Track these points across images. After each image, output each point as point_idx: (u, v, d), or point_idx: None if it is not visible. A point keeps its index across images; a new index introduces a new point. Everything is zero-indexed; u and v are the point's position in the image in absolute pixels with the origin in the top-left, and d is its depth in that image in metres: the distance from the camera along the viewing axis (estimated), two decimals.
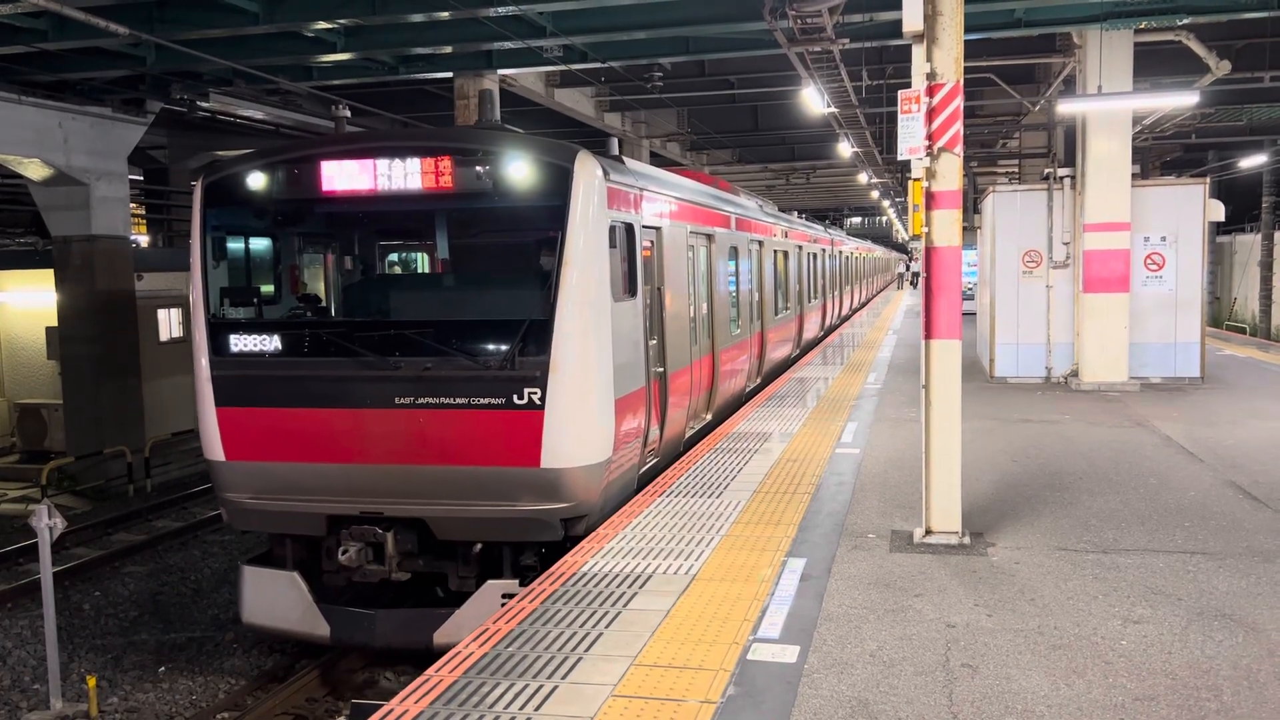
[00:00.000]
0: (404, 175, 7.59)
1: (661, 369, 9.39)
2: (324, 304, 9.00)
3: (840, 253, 29.94)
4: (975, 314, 18.99)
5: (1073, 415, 12.00)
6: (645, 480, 8.93)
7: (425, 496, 7.63)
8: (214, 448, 8.02)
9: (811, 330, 22.10)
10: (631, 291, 8.45)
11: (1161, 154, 29.24)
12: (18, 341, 20.02)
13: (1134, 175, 14.09)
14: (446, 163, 7.55)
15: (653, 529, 7.28)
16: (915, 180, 6.81)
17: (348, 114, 8.59)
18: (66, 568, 12.11)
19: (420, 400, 7.51)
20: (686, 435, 10.64)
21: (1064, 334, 14.77)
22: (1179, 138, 24.43)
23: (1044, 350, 14.94)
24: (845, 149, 23.60)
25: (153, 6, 12.67)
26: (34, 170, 16.05)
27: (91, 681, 8.49)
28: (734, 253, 13.35)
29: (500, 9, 12.10)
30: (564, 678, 4.80)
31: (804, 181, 38.03)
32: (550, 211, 7.53)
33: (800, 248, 20.39)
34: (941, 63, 6.64)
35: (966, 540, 6.88)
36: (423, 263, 9.63)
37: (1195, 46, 13.83)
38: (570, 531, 7.55)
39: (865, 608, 5.68)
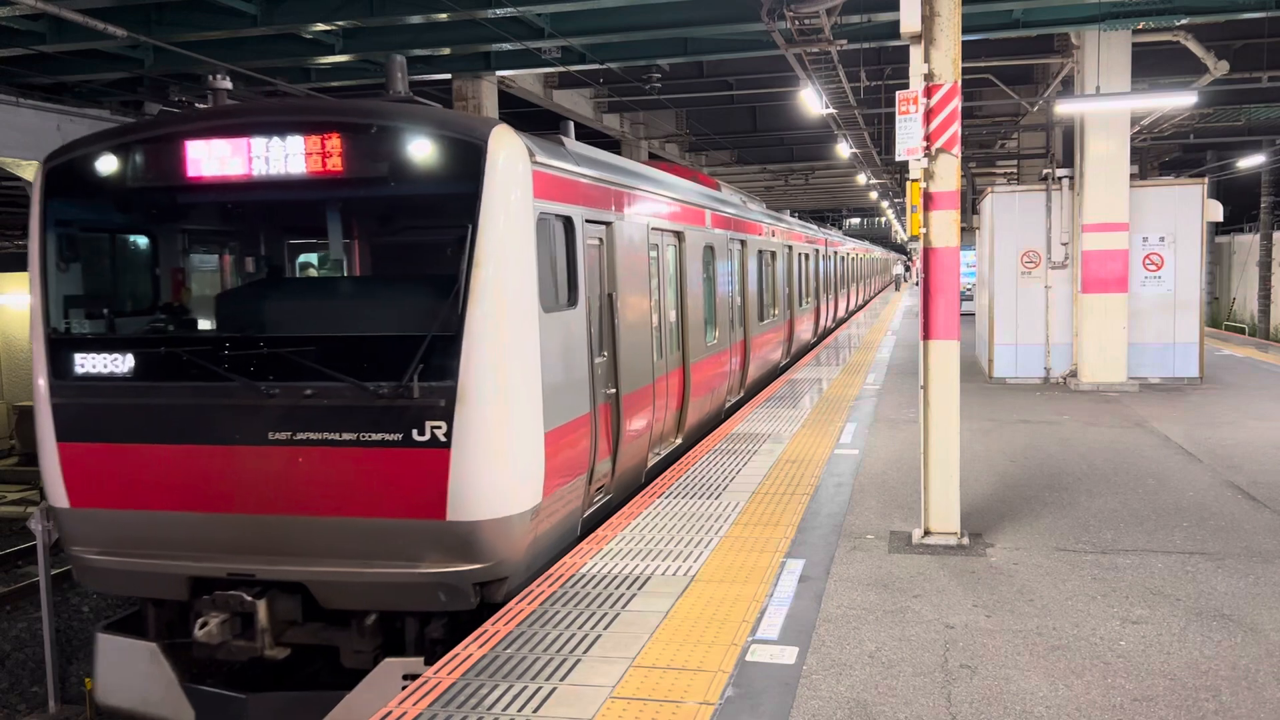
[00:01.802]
0: (283, 157, 6.24)
1: (614, 390, 8.09)
2: (189, 316, 7.41)
3: (835, 253, 28.59)
4: (974, 315, 19.01)
5: (1071, 416, 12.01)
6: (593, 524, 7.73)
7: (306, 555, 6.23)
8: (56, 491, 6.63)
9: (803, 336, 21.08)
10: (571, 299, 7.17)
11: (1160, 154, 29.28)
12: (16, 344, 20.03)
13: (1132, 175, 14.11)
14: (334, 141, 6.18)
15: (651, 530, 7.28)
16: (913, 181, 6.81)
17: (228, 85, 7.20)
18: (65, 570, 12.11)
19: (299, 435, 6.13)
20: (650, 464, 9.37)
21: (1063, 334, 14.78)
22: (1177, 138, 24.48)
23: (1042, 351, 14.95)
24: (844, 150, 23.63)
25: (151, 8, 12.68)
26: (32, 173, 16.04)
27: (90, 684, 8.48)
28: (710, 253, 12.02)
29: (498, 10, 12.12)
30: (563, 679, 4.79)
31: (803, 182, 38.09)
32: (459, 200, 6.16)
33: (790, 248, 19.19)
34: (939, 64, 6.64)
35: (965, 541, 6.88)
36: (306, 265, 8.09)
37: (1193, 47, 13.85)
38: (488, 597, 6.22)
39: (864, 609, 5.68)
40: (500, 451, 6.11)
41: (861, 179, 33.88)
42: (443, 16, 12.32)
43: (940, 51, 6.64)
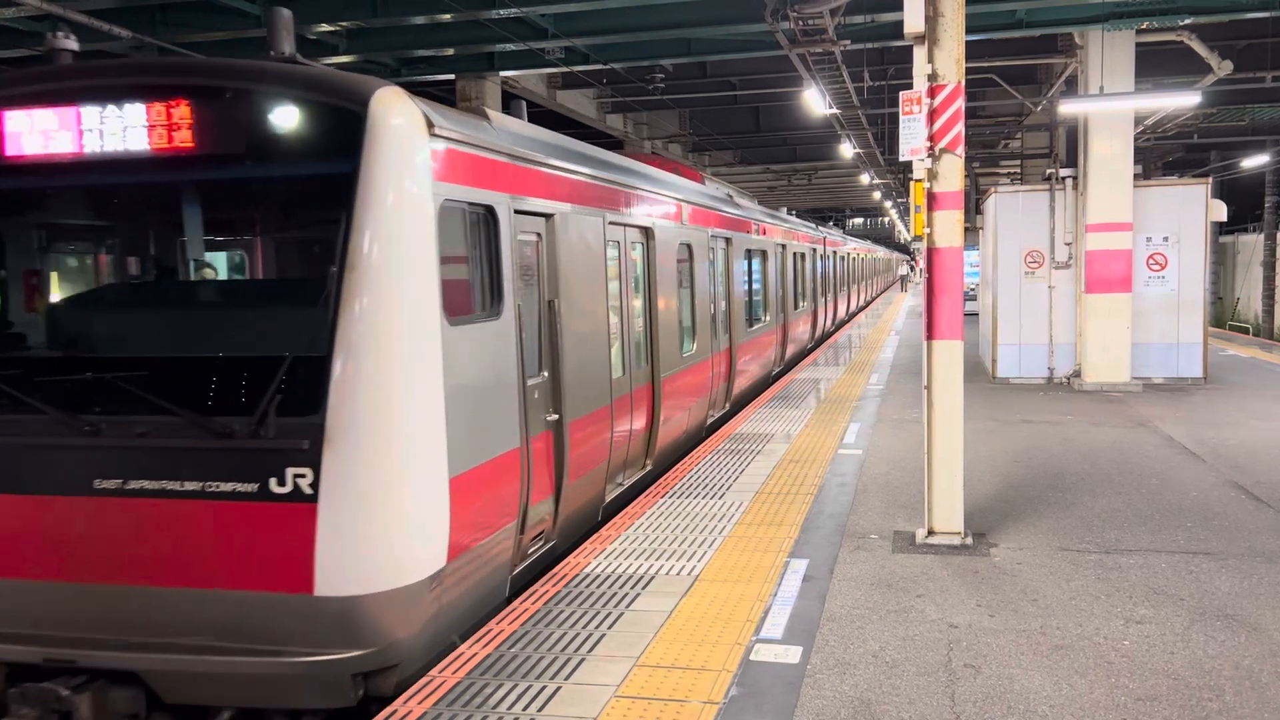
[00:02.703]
0: (120, 130, 5.02)
1: (557, 415, 6.82)
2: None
3: (834, 253, 27.03)
4: (977, 315, 19.01)
5: (1075, 416, 12.01)
6: (528, 580, 6.42)
7: (141, 636, 4.91)
8: None
9: (798, 342, 19.70)
10: (492, 308, 5.85)
11: (1163, 154, 29.27)
12: None
13: (1136, 175, 14.11)
14: (181, 109, 4.93)
15: (655, 530, 7.29)
16: (917, 181, 6.82)
17: (74, 45, 5.68)
18: None
19: (131, 485, 4.86)
20: (609, 498, 8.15)
21: (1066, 334, 14.79)
22: (1181, 138, 24.48)
23: (1046, 351, 14.95)
24: (847, 150, 23.63)
25: (155, 9, 12.72)
26: None
27: None
28: (687, 252, 10.70)
29: (502, 11, 12.14)
30: (567, 678, 4.80)
31: (806, 182, 38.11)
32: (330, 182, 4.93)
33: (784, 247, 17.77)
34: (943, 64, 6.65)
35: (969, 541, 6.88)
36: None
37: (1197, 47, 13.85)
38: (374, 689, 4.94)
39: (868, 608, 5.69)
40: (384, 505, 4.82)
41: (865, 179, 33.88)
42: (446, 17, 12.34)
43: (944, 52, 6.65)
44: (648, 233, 9.27)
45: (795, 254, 19.27)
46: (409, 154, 5.00)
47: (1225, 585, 5.98)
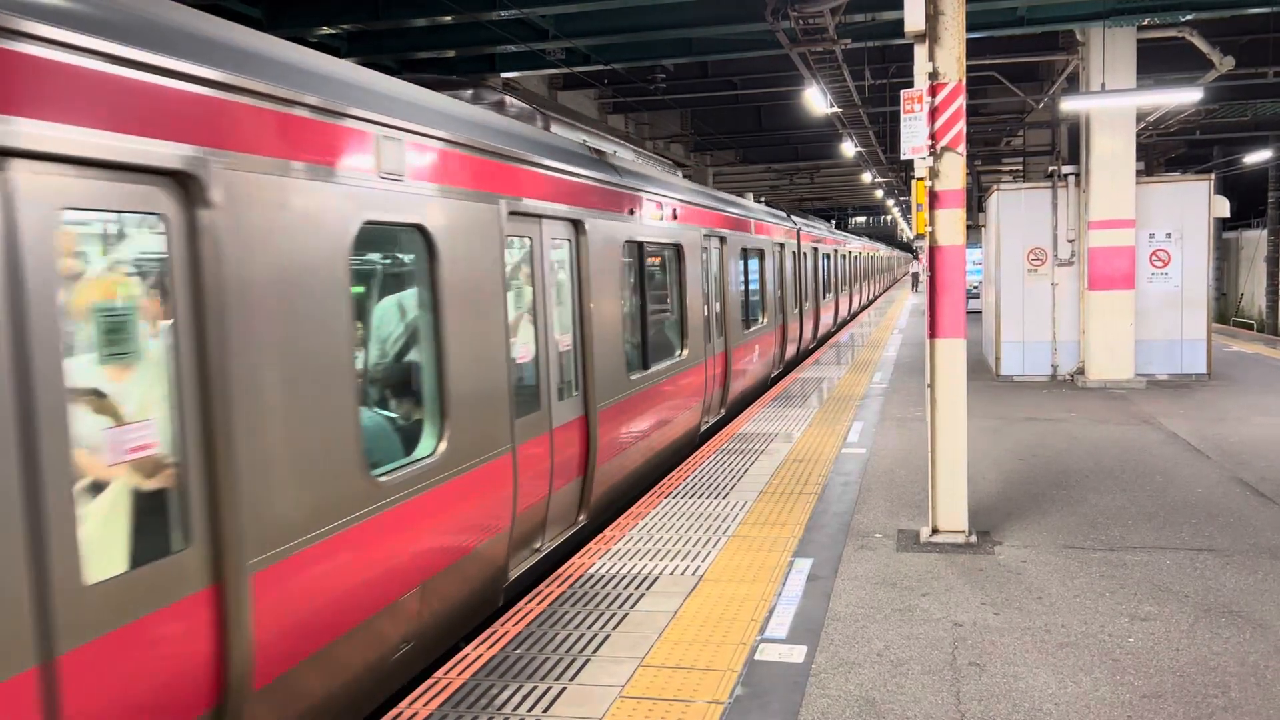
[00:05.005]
0: None
1: None
2: None
3: (815, 250, 21.91)
4: (980, 313, 18.98)
5: (1079, 413, 12.00)
6: None
7: None
8: None
9: (754, 373, 14.83)
10: None
11: (1166, 150, 29.20)
12: None
13: (1138, 172, 14.10)
14: None
15: (659, 530, 7.30)
16: (919, 179, 6.82)
17: None
18: None
19: None
20: None
21: (1069, 332, 14.78)
22: (1183, 134, 24.43)
23: (1049, 348, 14.94)
24: (849, 149, 23.61)
25: None
26: None
27: None
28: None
29: (503, 12, 12.15)
30: (572, 679, 4.81)
31: (808, 181, 38.10)
32: None
33: (723, 240, 12.76)
34: (944, 62, 6.65)
35: (973, 539, 6.88)
36: None
37: (1199, 43, 13.82)
38: None
39: (872, 607, 5.69)
40: None
41: (867, 178, 33.84)
42: (447, 19, 12.35)
43: (945, 50, 6.65)
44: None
45: (749, 250, 14.66)
46: None
47: (1230, 582, 5.97)
